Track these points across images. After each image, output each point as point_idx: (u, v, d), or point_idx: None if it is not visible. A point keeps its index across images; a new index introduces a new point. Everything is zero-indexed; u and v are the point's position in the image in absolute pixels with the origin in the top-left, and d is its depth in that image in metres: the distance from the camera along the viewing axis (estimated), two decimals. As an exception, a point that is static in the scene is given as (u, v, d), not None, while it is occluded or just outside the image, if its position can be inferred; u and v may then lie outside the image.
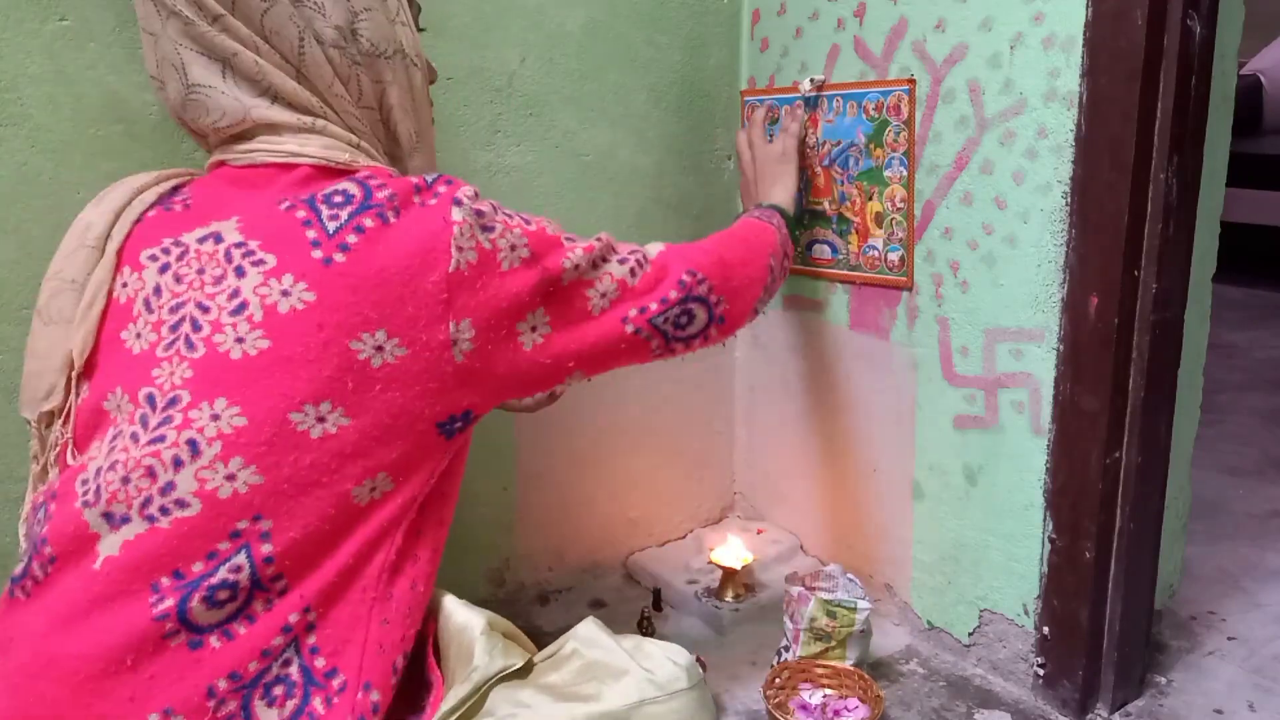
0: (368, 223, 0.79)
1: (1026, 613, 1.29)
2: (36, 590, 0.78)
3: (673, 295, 0.94)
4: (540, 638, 1.44)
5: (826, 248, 1.48)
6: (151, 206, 0.89)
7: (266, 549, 0.77)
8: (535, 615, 1.50)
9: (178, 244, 0.84)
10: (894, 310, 1.40)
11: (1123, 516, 1.21)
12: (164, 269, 0.83)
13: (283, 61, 0.84)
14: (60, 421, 0.85)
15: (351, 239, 0.79)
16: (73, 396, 0.85)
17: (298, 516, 0.78)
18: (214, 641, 0.75)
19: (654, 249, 0.97)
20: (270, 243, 0.80)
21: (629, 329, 0.92)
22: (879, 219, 1.38)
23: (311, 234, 0.79)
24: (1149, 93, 1.09)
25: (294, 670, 0.78)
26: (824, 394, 1.55)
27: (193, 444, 0.76)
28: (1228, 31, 1.24)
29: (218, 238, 0.82)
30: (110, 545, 0.76)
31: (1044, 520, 1.24)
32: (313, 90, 0.85)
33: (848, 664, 1.26)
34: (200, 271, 0.81)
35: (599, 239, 0.93)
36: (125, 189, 0.91)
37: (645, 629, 1.42)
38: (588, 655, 0.90)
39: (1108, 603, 1.23)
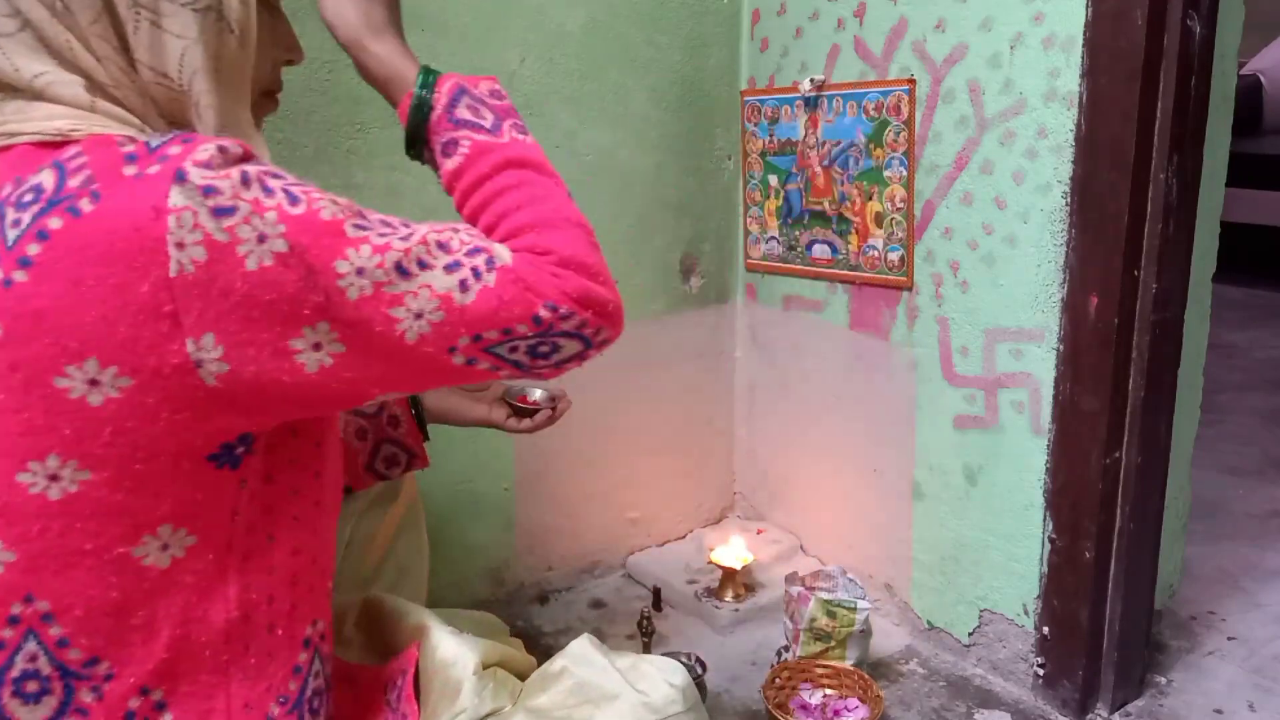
0: (53, 223, 0.60)
1: (1026, 613, 1.29)
2: None
3: (521, 329, 0.68)
4: (540, 638, 1.45)
5: (826, 248, 1.48)
6: None
7: (55, 631, 0.65)
8: (535, 615, 1.50)
9: None
10: (894, 310, 1.40)
11: (1123, 516, 1.21)
12: None
13: None
14: None
15: (33, 250, 0.60)
16: None
17: (76, 592, 0.65)
18: None
19: (504, 253, 0.69)
20: None
21: (458, 360, 0.68)
22: (879, 219, 1.38)
23: None
24: (1149, 93, 1.09)
25: None
26: (824, 394, 1.55)
27: None
28: (1228, 31, 1.24)
29: None
30: None
31: (1044, 520, 1.24)
32: (72, 28, 0.66)
33: (848, 664, 1.26)
34: None
35: (415, 235, 0.66)
36: None
37: (645, 629, 1.42)
38: (578, 674, 0.84)
39: (1108, 603, 1.23)
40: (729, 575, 1.49)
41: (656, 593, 1.53)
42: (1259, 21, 1.81)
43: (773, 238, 1.58)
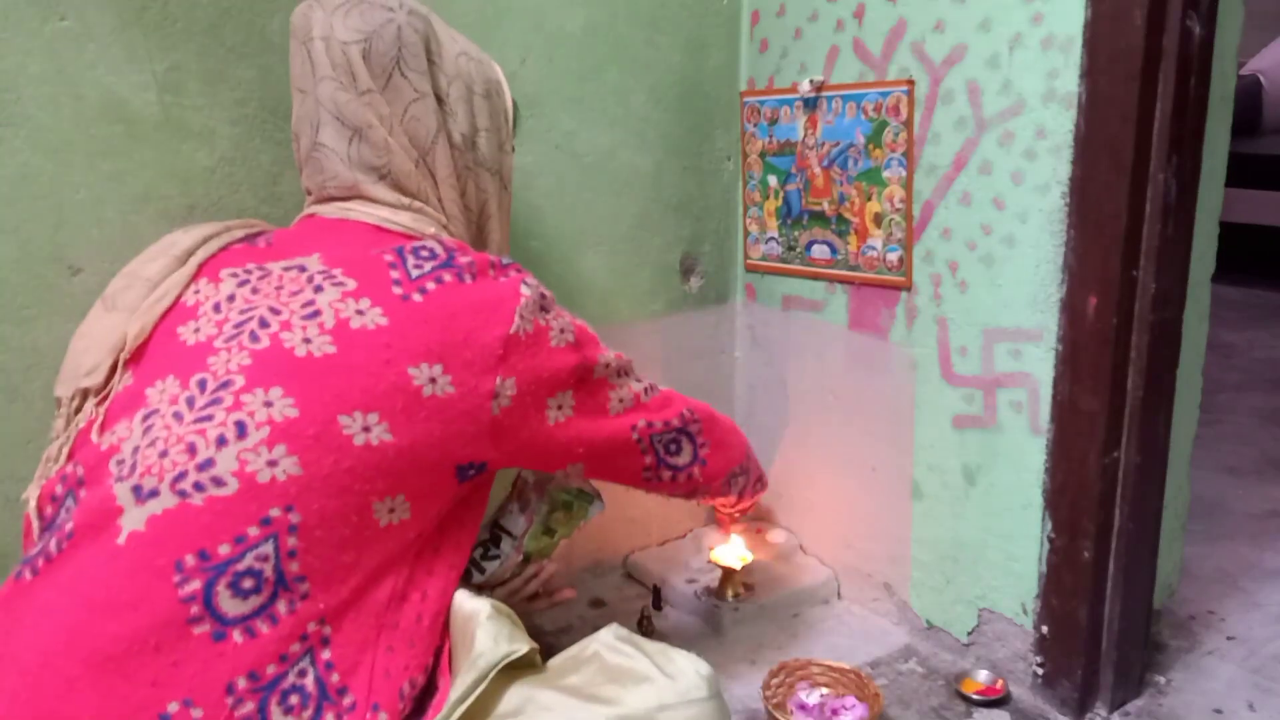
0: (447, 277, 0.88)
1: (1025, 612, 1.29)
2: (48, 567, 0.77)
3: (673, 421, 1.07)
4: (540, 637, 1.44)
5: (826, 248, 1.48)
6: (238, 240, 0.96)
7: (293, 542, 0.78)
8: (535, 614, 1.50)
9: (261, 268, 0.90)
10: (893, 310, 1.40)
11: (1121, 516, 1.21)
12: (243, 283, 0.89)
13: (409, 145, 0.95)
14: (95, 401, 0.86)
15: (431, 286, 0.87)
16: (116, 379, 0.87)
17: (326, 517, 0.79)
18: (237, 636, 0.75)
19: (661, 386, 1.09)
20: (353, 271, 0.87)
21: (633, 436, 1.02)
22: (878, 219, 1.39)
23: (395, 274, 0.87)
24: (1148, 93, 1.09)
25: (309, 681, 0.78)
26: (823, 394, 1.55)
27: (240, 425, 0.78)
28: (1227, 31, 1.24)
29: (302, 268, 0.88)
30: (134, 519, 0.75)
31: (1043, 520, 1.25)
32: (427, 176, 0.96)
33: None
34: (278, 288, 0.87)
35: (626, 357, 1.03)
36: (214, 225, 0.99)
37: (645, 628, 1.42)
38: (609, 659, 0.89)
39: (1106, 602, 1.24)
40: (729, 574, 1.49)
41: (656, 591, 1.53)
42: (1259, 22, 1.81)
43: (772, 238, 1.58)
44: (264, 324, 0.84)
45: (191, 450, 0.77)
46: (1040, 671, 1.27)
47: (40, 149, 1.04)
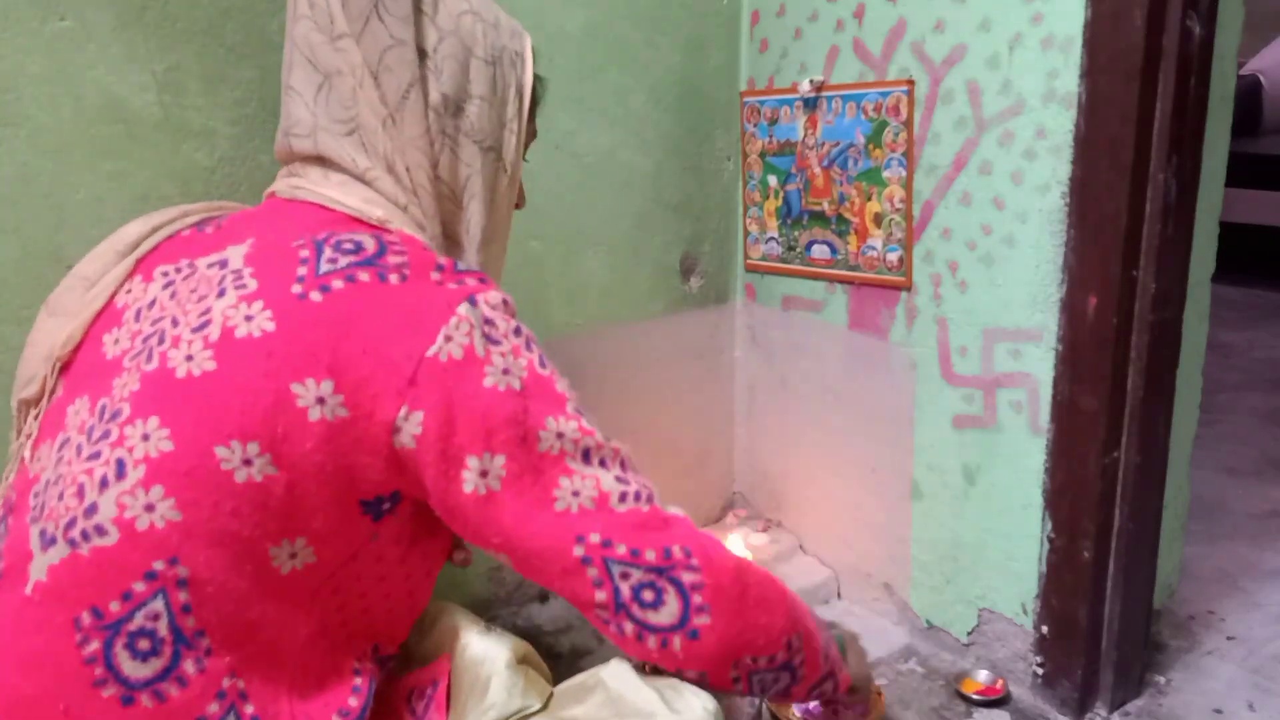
0: (362, 276, 0.74)
1: (1025, 612, 1.29)
2: None
3: (650, 556, 0.74)
4: (540, 637, 1.45)
5: (825, 248, 1.48)
6: (189, 227, 0.86)
7: (184, 597, 0.69)
8: (535, 614, 1.50)
9: (190, 265, 0.81)
10: (893, 310, 1.40)
11: (1121, 516, 1.21)
12: (168, 284, 0.80)
13: (379, 102, 0.81)
14: (34, 416, 0.81)
15: (337, 284, 0.73)
16: (49, 389, 0.81)
17: (216, 570, 0.70)
18: (146, 701, 0.68)
19: (671, 508, 0.81)
20: (261, 271, 0.76)
21: (577, 552, 0.73)
22: (878, 219, 1.39)
23: (302, 270, 0.74)
24: (1148, 93, 1.09)
25: None
26: (823, 394, 1.55)
27: (120, 464, 0.70)
28: (1227, 31, 1.24)
29: (224, 263, 0.78)
30: (39, 568, 0.70)
31: (1043, 520, 1.25)
32: (395, 137, 0.82)
33: None
34: (193, 291, 0.77)
35: (611, 443, 0.80)
36: (176, 210, 0.89)
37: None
38: (613, 689, 0.84)
39: (1106, 602, 1.24)
40: (728, 575, 1.49)
41: (656, 592, 1.53)
42: (1259, 21, 1.81)
43: (772, 238, 1.58)
44: (161, 340, 0.74)
45: (80, 493, 0.70)
46: (1040, 671, 1.27)
47: (40, 149, 1.04)
